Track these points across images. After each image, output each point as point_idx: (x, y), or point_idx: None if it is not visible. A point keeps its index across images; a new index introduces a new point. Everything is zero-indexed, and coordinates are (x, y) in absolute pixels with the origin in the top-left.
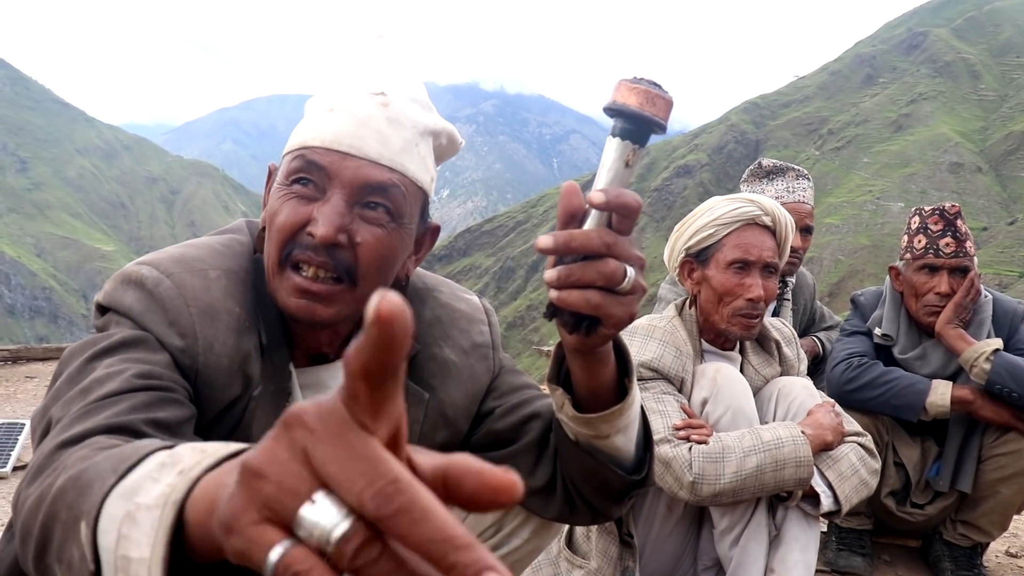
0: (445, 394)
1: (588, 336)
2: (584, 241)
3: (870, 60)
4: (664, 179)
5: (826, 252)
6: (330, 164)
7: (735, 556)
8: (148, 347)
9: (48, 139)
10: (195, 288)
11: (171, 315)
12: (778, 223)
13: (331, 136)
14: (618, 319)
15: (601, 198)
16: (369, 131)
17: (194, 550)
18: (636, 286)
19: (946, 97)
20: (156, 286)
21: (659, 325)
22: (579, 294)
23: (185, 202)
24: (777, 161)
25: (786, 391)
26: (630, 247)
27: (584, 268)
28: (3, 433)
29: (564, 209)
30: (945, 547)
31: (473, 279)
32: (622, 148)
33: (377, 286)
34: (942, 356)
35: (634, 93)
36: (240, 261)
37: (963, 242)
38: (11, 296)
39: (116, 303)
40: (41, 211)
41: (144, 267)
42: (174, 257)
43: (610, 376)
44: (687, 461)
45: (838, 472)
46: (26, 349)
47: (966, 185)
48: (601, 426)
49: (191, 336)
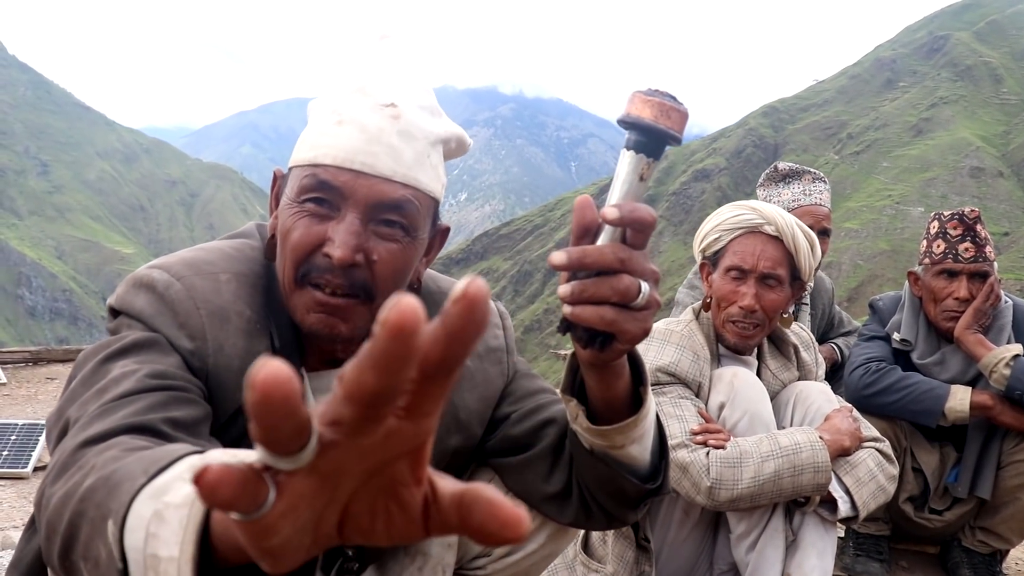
0: (458, 398)
1: (602, 351)
2: (597, 257)
3: (890, 64)
4: (682, 183)
5: (845, 257)
6: (343, 184)
7: (752, 561)
8: (160, 349)
9: (69, 142)
10: (205, 291)
11: (181, 317)
12: (784, 233)
13: (343, 154)
14: (632, 335)
15: (615, 213)
16: (381, 147)
17: (220, 551)
18: (651, 301)
19: (967, 101)
20: (167, 289)
21: (676, 329)
22: (593, 310)
23: (204, 205)
24: (793, 164)
25: (804, 396)
26: (644, 262)
27: (598, 284)
28: (24, 434)
29: (577, 224)
30: (964, 554)
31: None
32: (636, 161)
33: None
34: (961, 361)
35: (648, 106)
36: (251, 265)
37: (983, 247)
38: (32, 298)
39: (128, 306)
40: (62, 214)
41: (155, 271)
42: (185, 261)
43: (624, 388)
44: (705, 466)
45: (856, 478)
46: (47, 351)
47: (987, 190)
48: (616, 437)
49: (201, 338)
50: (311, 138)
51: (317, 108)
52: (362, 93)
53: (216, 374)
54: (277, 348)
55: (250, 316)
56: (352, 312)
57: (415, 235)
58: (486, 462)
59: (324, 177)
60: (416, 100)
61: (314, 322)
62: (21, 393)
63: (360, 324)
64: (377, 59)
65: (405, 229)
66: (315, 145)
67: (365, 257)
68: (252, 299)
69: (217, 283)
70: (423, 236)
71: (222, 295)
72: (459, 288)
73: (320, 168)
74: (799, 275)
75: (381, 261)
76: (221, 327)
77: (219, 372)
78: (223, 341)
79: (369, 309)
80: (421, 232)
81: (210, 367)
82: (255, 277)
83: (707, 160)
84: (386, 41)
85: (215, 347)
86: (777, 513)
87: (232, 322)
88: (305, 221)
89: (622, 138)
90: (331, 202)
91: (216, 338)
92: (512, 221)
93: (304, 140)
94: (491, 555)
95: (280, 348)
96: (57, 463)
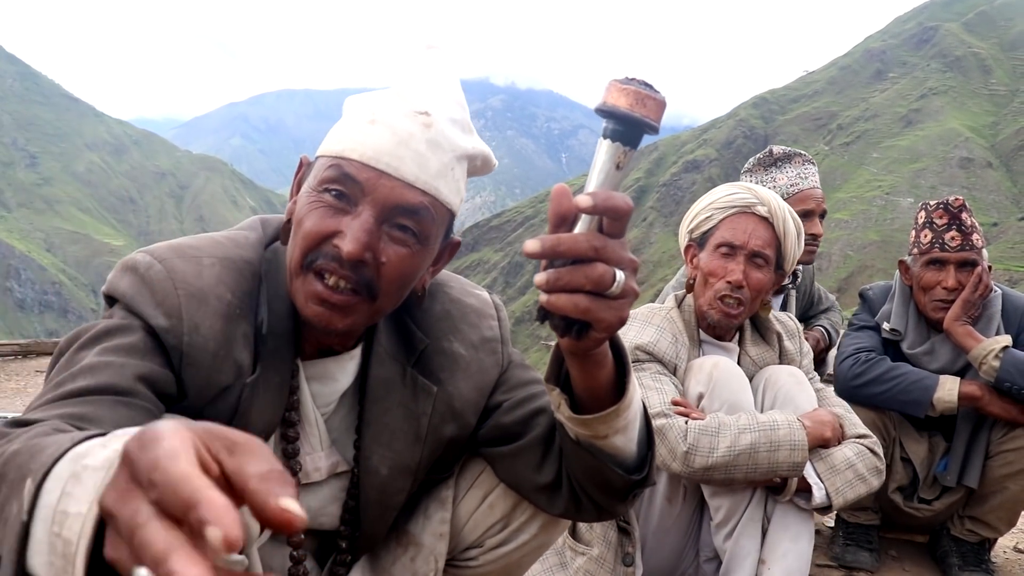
0: (453, 387)
1: (579, 339)
2: (571, 245)
3: (880, 55)
4: (672, 174)
5: (835, 247)
6: (366, 180)
7: (729, 548)
8: (124, 332)
9: (57, 134)
10: (185, 273)
11: (159, 296)
12: (775, 215)
13: (370, 151)
14: (608, 323)
15: (588, 201)
16: (408, 151)
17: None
18: (626, 290)
19: (956, 92)
20: (147, 270)
21: (658, 312)
22: (567, 298)
23: (194, 197)
24: (785, 148)
25: (772, 379)
26: (621, 250)
27: (572, 272)
28: None
29: (554, 212)
30: (953, 543)
31: (481, 274)
32: (613, 150)
33: (395, 300)
34: (951, 351)
35: (624, 94)
36: (242, 252)
37: (969, 235)
38: (21, 291)
39: (114, 289)
40: (51, 206)
41: (139, 254)
42: (172, 246)
43: (607, 378)
44: (683, 431)
45: (829, 465)
46: (36, 344)
47: (976, 180)
48: (598, 427)
49: (176, 317)
50: (342, 132)
51: (353, 104)
52: (399, 97)
53: (191, 352)
54: (265, 333)
55: (230, 300)
56: (352, 309)
57: (426, 243)
58: (478, 452)
59: (348, 170)
60: (449, 113)
61: (312, 314)
62: (10, 386)
63: (359, 321)
64: (420, 68)
65: (417, 236)
66: (344, 139)
67: (374, 256)
68: (236, 284)
69: (199, 266)
70: (434, 246)
71: (203, 278)
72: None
73: (345, 161)
74: (782, 263)
75: (389, 263)
76: (198, 308)
77: (193, 351)
78: (199, 321)
79: (370, 307)
80: (433, 241)
81: (184, 345)
82: (242, 263)
83: (697, 151)
84: (432, 51)
85: (190, 326)
86: (754, 502)
87: (210, 304)
88: (321, 211)
89: None
90: (350, 196)
91: (192, 317)
92: (503, 212)
93: (335, 133)
94: (483, 546)
95: (270, 334)
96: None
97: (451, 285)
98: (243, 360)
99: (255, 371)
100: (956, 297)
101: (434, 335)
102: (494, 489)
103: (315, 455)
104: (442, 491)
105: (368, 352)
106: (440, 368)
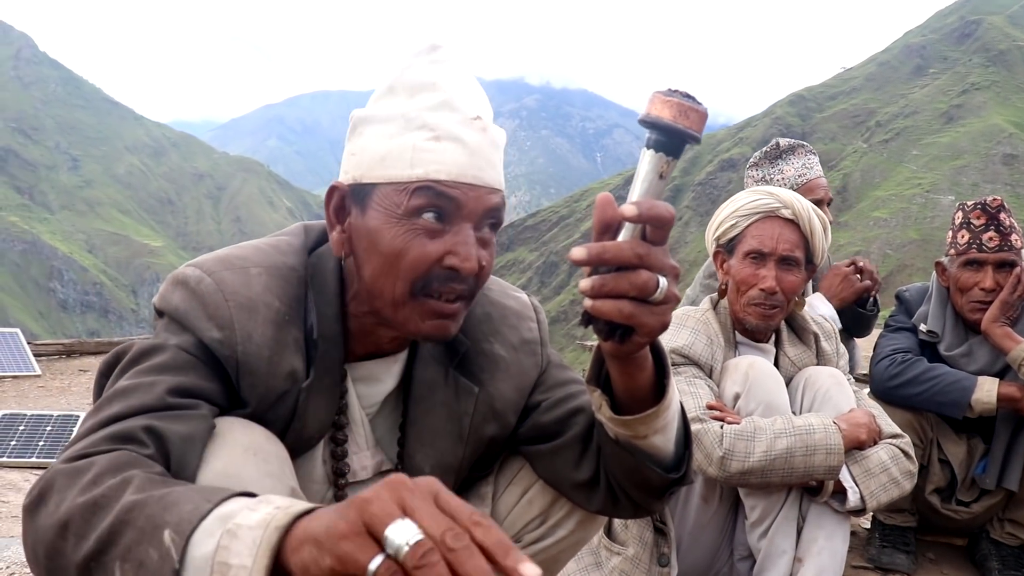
0: (494, 388)
1: (622, 343)
2: (616, 253)
3: (920, 50)
4: (708, 173)
5: (874, 246)
6: (461, 196)
7: (764, 547)
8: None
9: (98, 137)
10: (234, 283)
11: (210, 309)
12: (800, 216)
13: (455, 168)
14: (651, 328)
15: (633, 211)
16: (483, 160)
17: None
18: (669, 296)
19: (1000, 87)
20: (198, 284)
21: (693, 315)
22: (612, 304)
23: (231, 198)
24: (790, 140)
25: (812, 380)
26: (663, 257)
27: (617, 279)
28: (59, 425)
29: (598, 220)
30: (992, 546)
31: (516, 274)
32: (656, 160)
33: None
34: (989, 353)
35: (667, 106)
36: (286, 259)
37: (1007, 235)
38: (64, 291)
39: (166, 304)
40: (92, 208)
41: (189, 268)
42: (218, 257)
43: (648, 379)
44: (718, 436)
45: (864, 468)
46: (79, 343)
47: (1020, 177)
48: (638, 427)
49: (229, 328)
50: (406, 154)
51: (379, 120)
52: (449, 108)
53: (246, 361)
54: (316, 338)
55: (279, 308)
56: (460, 314)
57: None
58: (517, 450)
59: (443, 191)
60: (488, 110)
61: (431, 329)
62: (55, 385)
63: (462, 321)
64: (439, 70)
65: (494, 229)
66: (417, 162)
67: (480, 264)
68: (284, 291)
69: (247, 276)
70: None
71: (251, 287)
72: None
73: (436, 183)
74: (812, 258)
75: (488, 265)
76: (249, 317)
77: (249, 360)
78: (251, 330)
79: (467, 308)
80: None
81: (239, 355)
82: (287, 270)
83: (733, 150)
84: (441, 51)
85: (243, 336)
86: (790, 501)
87: (260, 312)
88: (421, 238)
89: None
90: (445, 215)
91: (244, 327)
92: (538, 212)
93: (391, 156)
94: (521, 541)
95: (320, 338)
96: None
97: (491, 287)
98: (297, 366)
99: (309, 376)
100: (994, 298)
101: (475, 337)
102: (533, 485)
103: (361, 454)
104: (482, 487)
105: (412, 354)
106: (481, 369)
